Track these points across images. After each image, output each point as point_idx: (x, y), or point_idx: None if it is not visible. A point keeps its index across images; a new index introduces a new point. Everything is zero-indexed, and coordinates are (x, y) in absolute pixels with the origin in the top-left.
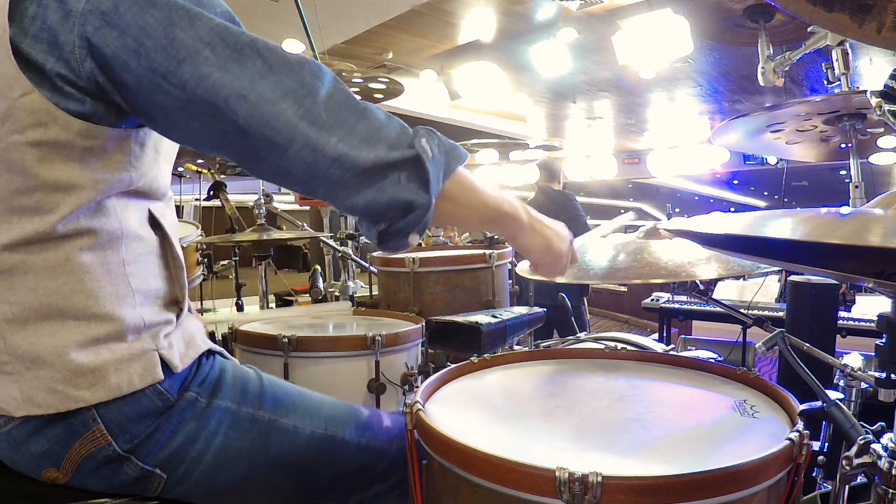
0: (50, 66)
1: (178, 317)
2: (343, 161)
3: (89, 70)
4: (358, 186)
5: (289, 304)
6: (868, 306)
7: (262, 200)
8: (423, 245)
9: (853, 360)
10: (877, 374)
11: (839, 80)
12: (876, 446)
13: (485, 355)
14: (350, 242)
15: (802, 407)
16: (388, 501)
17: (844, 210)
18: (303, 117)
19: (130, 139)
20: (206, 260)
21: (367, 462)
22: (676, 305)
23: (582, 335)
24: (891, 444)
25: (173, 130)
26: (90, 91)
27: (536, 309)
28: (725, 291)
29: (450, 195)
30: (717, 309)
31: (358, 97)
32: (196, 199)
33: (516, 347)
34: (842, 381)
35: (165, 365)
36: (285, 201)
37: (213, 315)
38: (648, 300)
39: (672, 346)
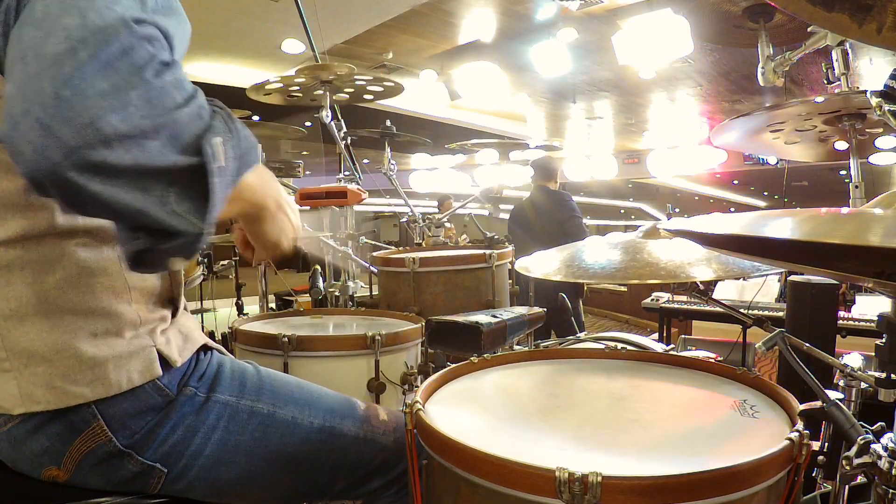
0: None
1: (173, 314)
2: (81, 151)
3: None
4: (112, 184)
5: (289, 304)
6: (868, 306)
7: None
8: (424, 245)
9: (853, 360)
10: (877, 374)
11: (839, 80)
12: (876, 446)
13: (485, 355)
14: (350, 242)
15: (802, 407)
16: (388, 497)
17: (844, 210)
18: (55, 78)
19: None
20: (206, 260)
21: (366, 455)
22: (676, 305)
23: (582, 335)
24: (891, 444)
25: None
26: None
27: (536, 309)
28: (725, 291)
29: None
30: (717, 309)
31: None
32: None
33: (516, 347)
34: (842, 381)
35: (164, 361)
36: None
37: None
38: (648, 300)
39: (672, 346)
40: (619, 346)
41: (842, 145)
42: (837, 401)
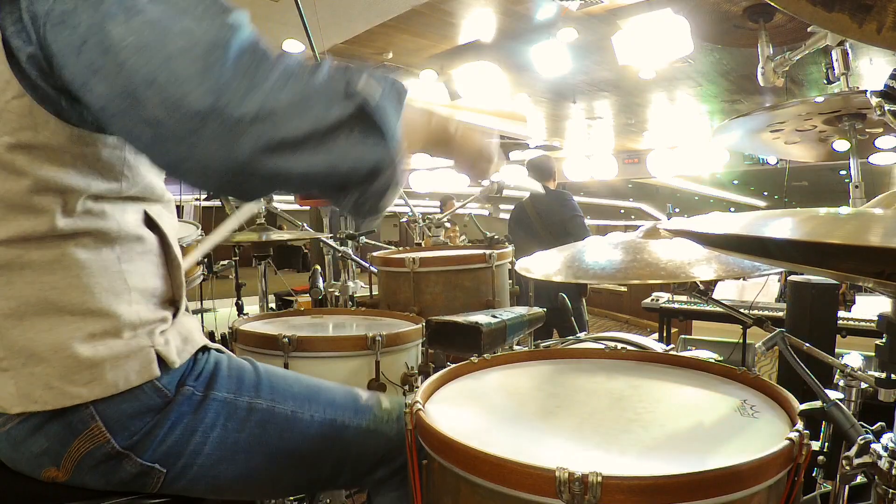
0: (28, 67)
1: (174, 315)
2: (273, 132)
3: (50, 70)
4: (302, 157)
5: (289, 304)
6: (868, 306)
7: (262, 200)
8: (424, 245)
9: (853, 360)
10: (877, 374)
11: (839, 80)
12: (876, 446)
13: (485, 355)
14: (350, 242)
15: (802, 407)
16: (391, 486)
17: (844, 210)
18: (211, 90)
19: (124, 148)
20: (206, 260)
21: (370, 446)
22: (676, 305)
23: (582, 335)
24: (891, 444)
25: (109, 125)
26: (63, 91)
27: (536, 309)
28: (725, 291)
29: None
30: (718, 309)
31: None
32: (196, 199)
33: (516, 347)
34: (842, 381)
35: (162, 362)
36: (285, 201)
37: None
38: (648, 300)
39: (672, 346)
40: (619, 346)
41: (842, 145)
42: (837, 401)
